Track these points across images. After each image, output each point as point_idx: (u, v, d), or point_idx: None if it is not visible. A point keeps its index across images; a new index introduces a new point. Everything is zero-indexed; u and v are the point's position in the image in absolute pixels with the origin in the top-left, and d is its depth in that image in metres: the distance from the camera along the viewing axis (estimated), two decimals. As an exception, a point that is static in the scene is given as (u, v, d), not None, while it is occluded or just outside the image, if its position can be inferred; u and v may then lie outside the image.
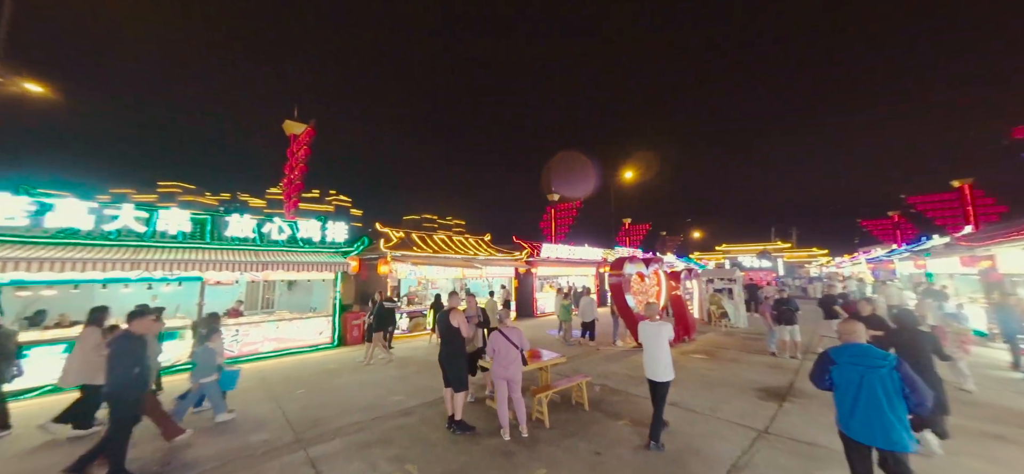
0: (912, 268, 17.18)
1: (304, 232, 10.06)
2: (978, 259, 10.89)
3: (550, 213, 29.34)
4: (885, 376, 2.82)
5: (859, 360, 2.96)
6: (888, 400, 2.77)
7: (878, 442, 2.80)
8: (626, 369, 7.81)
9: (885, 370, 2.84)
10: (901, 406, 2.79)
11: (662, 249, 48.78)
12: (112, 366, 3.79)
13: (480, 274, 14.75)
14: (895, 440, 2.74)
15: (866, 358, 2.94)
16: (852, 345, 3.08)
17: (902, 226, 30.95)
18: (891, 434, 2.75)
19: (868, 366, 2.90)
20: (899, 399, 2.79)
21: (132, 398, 3.88)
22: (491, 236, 18.06)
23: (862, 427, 2.86)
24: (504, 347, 4.67)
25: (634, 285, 10.10)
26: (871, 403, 2.82)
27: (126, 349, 3.87)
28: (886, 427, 2.77)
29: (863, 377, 2.89)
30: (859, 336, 3.12)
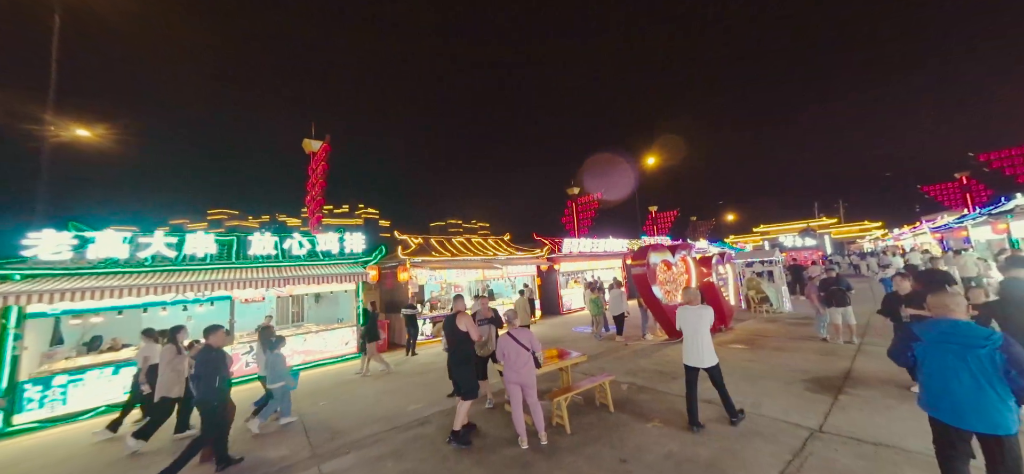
0: (990, 233, 15.11)
1: (323, 245, 10.28)
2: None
3: (571, 208, 28.73)
4: (985, 356, 2.51)
5: (953, 338, 2.65)
6: (988, 380, 2.49)
7: (975, 425, 2.50)
8: (656, 364, 7.28)
9: (986, 351, 2.52)
10: (1003, 386, 2.48)
11: (693, 235, 46.48)
12: (199, 375, 4.31)
13: (500, 274, 14.55)
14: (997, 422, 2.44)
15: (962, 336, 2.62)
16: (944, 321, 2.75)
17: (973, 188, 27.60)
18: (993, 416, 2.45)
19: (964, 345, 2.59)
20: (1000, 380, 2.48)
21: (218, 402, 4.41)
22: (511, 236, 17.85)
23: (958, 410, 2.56)
24: (514, 351, 4.39)
25: (660, 274, 9.47)
26: (966, 384, 2.54)
27: (210, 359, 4.39)
28: (986, 408, 2.47)
29: (958, 356, 2.59)
30: (954, 310, 2.75)
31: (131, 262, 7.45)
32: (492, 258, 14.37)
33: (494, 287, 16.60)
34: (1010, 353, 2.48)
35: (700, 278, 10.26)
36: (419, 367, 8.82)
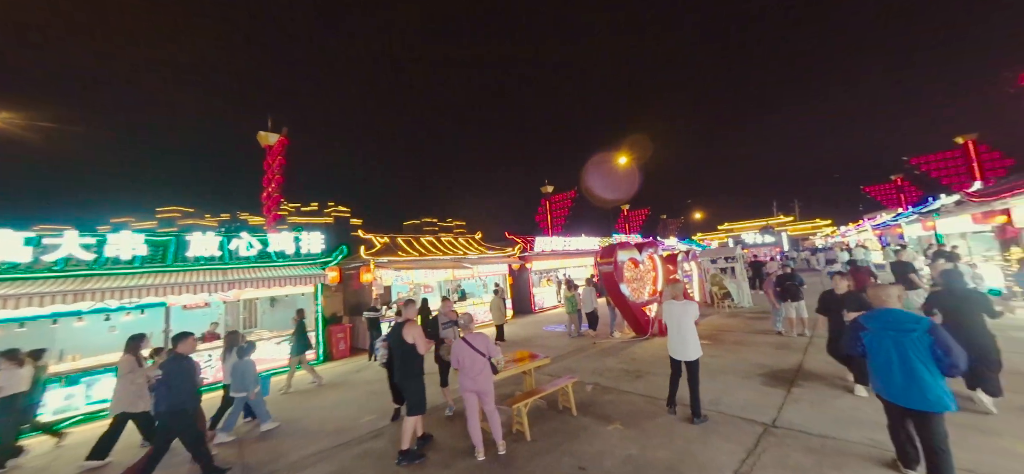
0: (920, 231, 16.49)
1: (277, 245, 9.56)
2: (992, 214, 10.23)
3: (545, 206, 28.79)
4: (917, 339, 2.84)
5: (890, 325, 2.99)
6: (922, 362, 2.80)
7: (914, 403, 2.82)
8: (622, 363, 7.27)
9: (917, 333, 2.86)
10: (935, 367, 2.80)
11: (664, 233, 48.09)
12: (168, 385, 4.14)
13: (471, 274, 14.24)
14: (932, 400, 2.76)
15: (897, 322, 2.97)
16: (883, 310, 3.10)
17: (906, 189, 30.16)
18: (928, 395, 2.77)
19: (899, 330, 2.93)
20: (932, 361, 2.80)
21: (192, 409, 4.31)
22: (483, 234, 17.56)
23: (899, 390, 2.89)
24: (469, 357, 4.14)
25: (627, 272, 9.53)
26: (905, 366, 2.86)
27: (182, 368, 4.25)
28: (922, 388, 2.79)
29: (895, 341, 2.91)
30: (890, 301, 3.12)
31: (35, 266, 6.50)
32: (462, 257, 14.03)
33: (466, 287, 16.28)
34: (936, 336, 2.81)
35: (666, 276, 10.43)
36: (380, 374, 8.36)
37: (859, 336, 3.14)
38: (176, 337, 4.52)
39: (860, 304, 4.52)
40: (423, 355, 4.29)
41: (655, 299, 9.95)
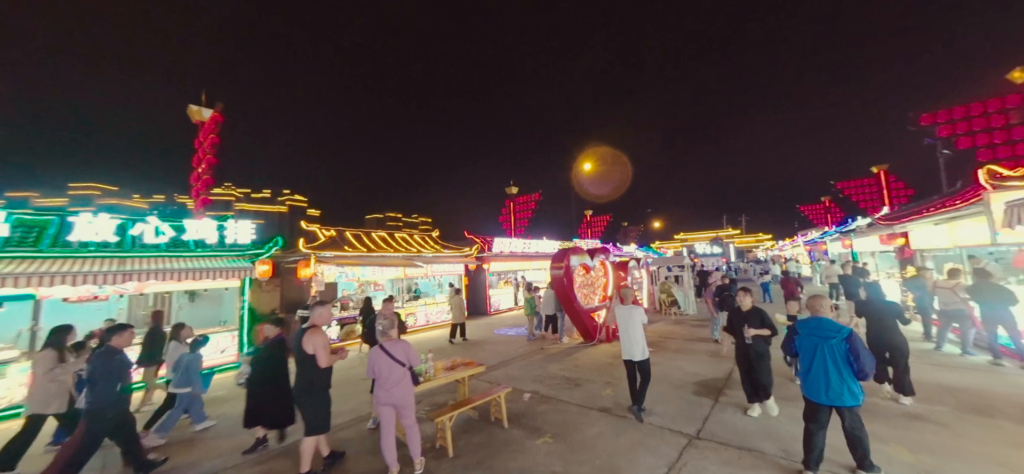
0: (841, 248, 18.24)
1: (195, 233, 8.46)
2: (894, 237, 11.42)
3: (509, 207, 28.65)
4: (835, 346, 3.25)
5: (815, 332, 3.41)
6: (836, 365, 3.23)
7: (832, 400, 3.25)
8: (566, 369, 7.16)
9: (835, 341, 3.26)
10: (847, 371, 3.22)
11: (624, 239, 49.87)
12: (95, 381, 3.85)
13: (425, 273, 13.66)
14: (845, 397, 3.19)
15: (821, 330, 3.38)
16: (813, 318, 3.52)
17: (832, 210, 33.48)
18: (842, 393, 3.20)
19: (821, 337, 3.34)
20: (846, 365, 3.22)
21: (112, 414, 3.93)
22: (441, 232, 17.02)
23: (815, 388, 3.33)
24: (386, 366, 3.75)
25: (579, 278, 9.53)
26: (822, 368, 3.29)
27: (112, 365, 3.92)
28: (833, 387, 3.23)
29: (817, 346, 3.35)
30: (822, 311, 3.53)
31: None
32: (415, 255, 13.41)
33: (422, 286, 15.64)
34: (851, 344, 3.21)
35: (617, 282, 10.57)
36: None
37: (793, 339, 3.61)
38: (111, 329, 4.27)
39: (763, 321, 4.64)
40: (326, 368, 3.77)
41: (604, 305, 10.03)
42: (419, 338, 11.67)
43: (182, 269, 7.65)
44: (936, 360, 6.50)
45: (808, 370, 3.38)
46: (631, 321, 4.87)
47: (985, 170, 5.48)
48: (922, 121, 14.69)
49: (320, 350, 3.68)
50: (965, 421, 4.34)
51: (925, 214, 8.86)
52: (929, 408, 4.67)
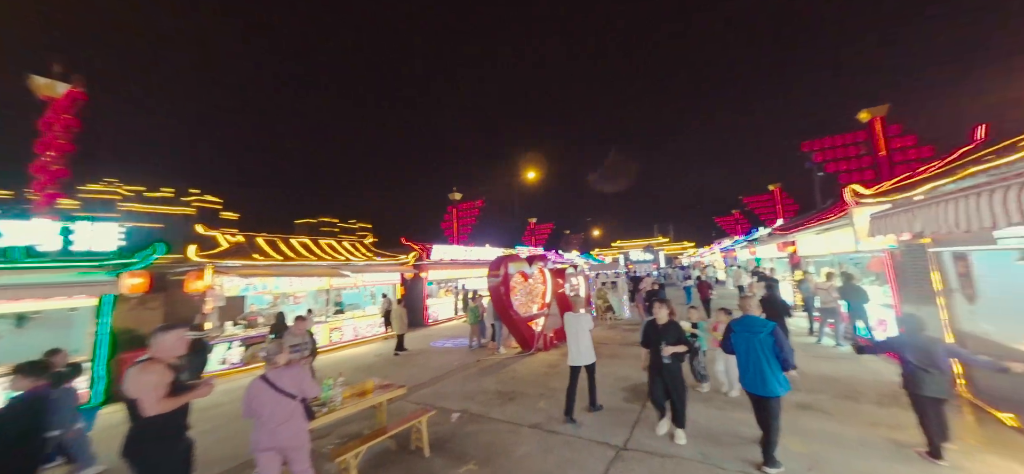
0: (747, 255, 20.82)
1: (24, 238, 6.54)
2: (787, 245, 13.24)
3: (452, 213, 27.90)
4: (764, 340, 3.60)
5: (747, 328, 3.75)
6: (767, 359, 3.55)
7: (759, 390, 3.58)
8: (500, 383, 6.85)
9: (763, 335, 3.62)
10: (776, 363, 3.55)
11: (566, 247, 51.74)
12: None
13: (353, 283, 12.45)
14: (774, 389, 3.52)
15: (751, 327, 3.73)
16: (745, 317, 3.89)
17: (741, 221, 38.36)
18: (768, 384, 3.53)
19: (752, 333, 3.68)
20: (773, 356, 3.55)
21: None
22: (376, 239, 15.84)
23: (750, 380, 3.66)
24: (271, 402, 3.06)
25: (517, 286, 9.35)
26: (753, 360, 3.62)
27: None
28: (764, 378, 3.55)
29: (749, 341, 3.68)
30: (750, 309, 3.95)
31: None
32: (341, 263, 12.16)
33: (350, 298, 14.25)
34: (776, 337, 3.59)
35: (555, 289, 10.62)
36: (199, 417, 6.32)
37: (729, 336, 3.93)
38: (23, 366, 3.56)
39: (679, 337, 4.24)
40: (160, 413, 2.67)
41: (543, 313, 9.98)
42: (343, 356, 10.52)
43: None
44: (817, 352, 7.46)
45: (746, 366, 3.70)
46: (579, 328, 5.04)
47: (849, 189, 6.46)
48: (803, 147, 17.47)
49: (144, 393, 2.61)
50: (841, 407, 4.91)
51: (808, 225, 10.33)
52: (814, 397, 5.23)
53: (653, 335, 4.39)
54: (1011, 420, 4.20)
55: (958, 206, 3.63)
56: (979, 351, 4.64)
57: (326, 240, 13.55)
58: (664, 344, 4.20)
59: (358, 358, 10.16)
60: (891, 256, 6.68)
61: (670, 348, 4.16)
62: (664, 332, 4.31)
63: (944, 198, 3.94)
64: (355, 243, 14.25)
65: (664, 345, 4.19)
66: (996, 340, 4.44)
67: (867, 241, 5.90)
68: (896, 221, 4.70)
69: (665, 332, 4.31)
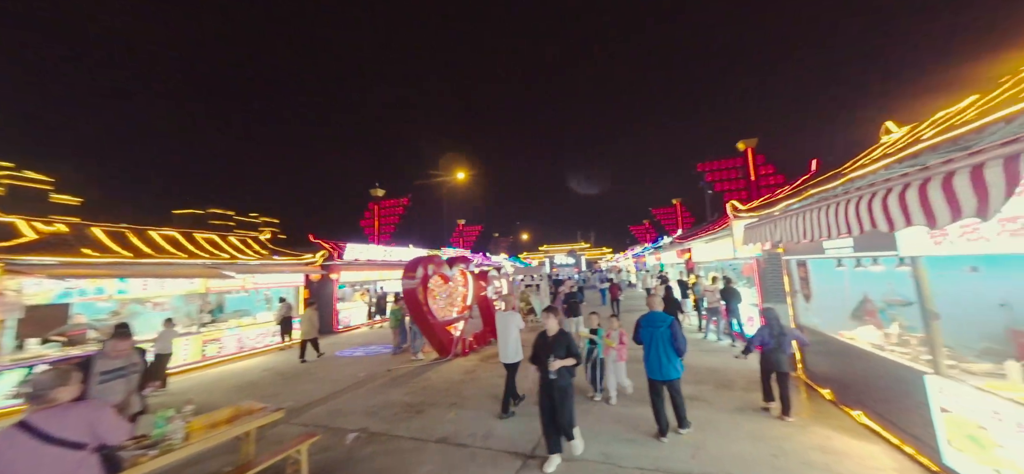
0: (654, 260, 23.39)
1: None
2: (684, 252, 15.13)
3: (373, 210, 25.91)
4: (664, 332, 4.20)
5: (651, 323, 4.33)
6: (664, 348, 4.15)
7: (663, 376, 4.20)
8: (409, 395, 6.29)
9: (663, 328, 4.22)
10: (672, 352, 4.18)
11: (495, 249, 52.22)
12: None
13: (242, 286, 10.50)
14: (669, 374, 4.19)
15: (654, 322, 4.31)
16: (650, 313, 4.46)
17: (651, 230, 43.20)
18: (668, 371, 4.19)
19: (655, 327, 4.26)
20: (671, 347, 4.17)
21: None
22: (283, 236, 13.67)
23: (655, 367, 4.22)
24: (30, 460, 2.13)
25: (436, 288, 8.86)
26: (655, 351, 4.21)
27: None
28: (664, 366, 4.18)
29: (652, 334, 4.25)
30: (654, 306, 4.54)
31: None
32: (225, 262, 10.17)
33: (239, 303, 12.00)
34: (673, 330, 4.18)
35: (477, 292, 10.38)
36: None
37: (638, 330, 4.42)
38: None
39: (569, 349, 3.86)
40: None
41: (463, 317, 9.65)
42: (219, 374, 8.76)
43: None
44: (704, 347, 8.52)
45: (648, 355, 4.25)
46: (508, 327, 5.27)
47: (730, 205, 7.55)
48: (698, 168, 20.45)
49: None
50: (719, 395, 5.57)
51: (700, 235, 11.89)
52: (699, 389, 5.86)
53: (542, 350, 3.93)
54: (829, 395, 5.22)
55: (799, 220, 4.41)
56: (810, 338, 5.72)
57: (207, 234, 11.23)
58: (553, 358, 3.78)
59: (239, 374, 8.54)
60: (757, 263, 7.98)
61: (558, 362, 3.75)
62: (554, 345, 3.88)
63: (791, 214, 4.77)
64: (246, 239, 12.12)
65: (552, 359, 3.78)
66: (823, 330, 5.50)
67: (742, 249, 6.87)
68: (761, 232, 5.52)
69: (555, 345, 3.88)
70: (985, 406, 2.93)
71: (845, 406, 4.77)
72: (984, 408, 2.93)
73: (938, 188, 2.48)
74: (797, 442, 4.06)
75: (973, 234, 2.90)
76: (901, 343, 4.24)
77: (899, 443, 3.85)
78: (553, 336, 3.96)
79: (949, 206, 2.39)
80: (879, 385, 4.11)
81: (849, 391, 4.72)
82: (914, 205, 2.68)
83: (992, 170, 2.15)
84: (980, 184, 2.19)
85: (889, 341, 4.36)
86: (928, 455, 3.51)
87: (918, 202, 2.64)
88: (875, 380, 4.16)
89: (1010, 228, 2.66)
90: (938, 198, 2.48)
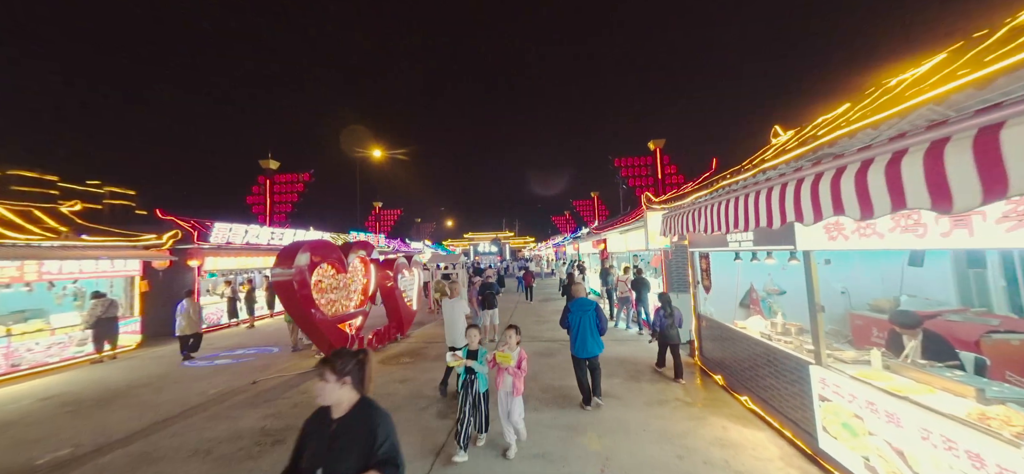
0: (573, 250, 24.37)
1: None
2: (599, 243, 15.76)
3: (264, 185, 21.63)
4: (591, 314, 4.77)
5: (579, 308, 4.84)
6: (590, 328, 4.73)
7: (588, 353, 4.73)
8: (272, 415, 4.85)
9: (591, 311, 4.79)
10: (596, 331, 4.76)
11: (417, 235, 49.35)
12: None
13: (19, 277, 7.33)
14: (594, 351, 4.75)
15: (583, 306, 4.84)
16: (578, 299, 4.97)
17: (570, 222, 45.44)
18: (592, 348, 4.73)
19: (583, 311, 4.79)
20: (595, 328, 4.75)
21: None
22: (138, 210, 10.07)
23: (581, 347, 4.72)
24: None
25: (326, 280, 7.30)
26: (583, 332, 4.73)
27: None
28: (590, 345, 4.72)
29: (581, 318, 4.77)
30: (580, 293, 5.09)
31: None
32: None
33: (20, 300, 8.43)
34: (598, 312, 4.77)
35: (382, 282, 9.03)
36: None
37: (567, 314, 4.88)
38: None
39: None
40: None
41: (362, 310, 8.26)
42: None
43: None
44: (616, 336, 8.68)
45: (577, 336, 4.72)
46: (454, 312, 5.58)
47: (644, 196, 7.67)
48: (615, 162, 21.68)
49: None
50: (630, 389, 5.47)
51: (615, 227, 12.31)
52: (611, 383, 5.69)
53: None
54: (721, 380, 5.52)
55: (709, 211, 4.39)
56: (709, 327, 5.98)
57: (-49, 199, 7.54)
58: None
59: (7, 404, 5.84)
60: (665, 254, 8.35)
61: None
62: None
63: (700, 206, 4.77)
64: (31, 211, 8.58)
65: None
66: (718, 319, 5.81)
67: (655, 241, 6.96)
68: (678, 222, 5.52)
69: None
70: (861, 395, 3.04)
71: (734, 392, 5.02)
72: (860, 397, 3.05)
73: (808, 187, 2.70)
74: (698, 438, 4.00)
75: (867, 231, 2.93)
76: (784, 332, 4.50)
77: (779, 426, 4.05)
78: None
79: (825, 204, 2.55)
80: (766, 372, 4.31)
81: (737, 377, 4.96)
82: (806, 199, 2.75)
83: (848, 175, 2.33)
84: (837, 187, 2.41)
85: (775, 330, 4.61)
86: (804, 440, 3.69)
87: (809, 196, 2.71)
88: (763, 367, 4.36)
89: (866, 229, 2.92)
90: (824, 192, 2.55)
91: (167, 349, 9.14)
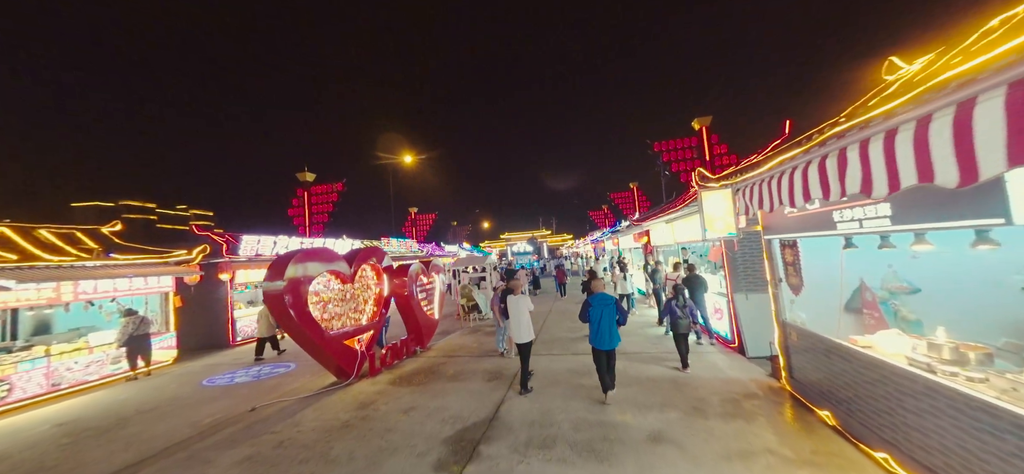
0: (612, 245, 22.48)
1: None
2: (641, 235, 13.97)
3: (302, 197, 22.43)
4: (611, 309, 4.98)
5: (600, 302, 5.03)
6: (610, 322, 4.92)
7: (605, 345, 4.90)
8: (250, 461, 4.11)
9: (611, 306, 5.01)
10: (615, 326, 4.96)
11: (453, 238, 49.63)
12: None
13: (56, 298, 7.50)
14: (613, 344, 4.93)
15: (604, 301, 5.04)
16: (598, 294, 5.15)
17: (609, 215, 42.97)
18: (613, 341, 4.92)
19: (605, 305, 5.00)
20: (615, 322, 4.96)
21: None
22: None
23: (602, 339, 4.90)
24: None
25: (328, 292, 6.64)
26: (603, 324, 4.90)
27: None
28: (611, 337, 4.91)
29: (602, 311, 4.96)
30: (603, 289, 5.28)
31: None
32: (16, 267, 7.10)
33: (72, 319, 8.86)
34: (618, 305, 5.07)
35: (397, 291, 8.28)
36: None
37: (587, 309, 5.04)
38: None
39: None
40: None
41: (375, 324, 7.54)
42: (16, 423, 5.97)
43: None
44: (664, 347, 7.14)
45: (597, 329, 4.87)
46: (519, 308, 5.64)
47: (696, 173, 6.08)
48: (655, 147, 19.59)
49: None
50: (692, 430, 4.07)
51: (659, 215, 10.59)
52: (664, 417, 4.33)
53: None
54: (829, 418, 3.91)
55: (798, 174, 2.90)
56: (802, 340, 4.35)
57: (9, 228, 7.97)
58: None
59: (25, 430, 5.78)
60: (726, 245, 6.67)
61: None
62: None
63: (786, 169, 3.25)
64: (73, 234, 8.94)
65: None
66: (814, 330, 4.20)
67: (714, 228, 5.44)
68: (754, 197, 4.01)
69: None
70: None
71: (859, 441, 3.43)
72: None
73: None
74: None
75: None
76: (955, 359, 2.84)
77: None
78: None
79: None
80: (930, 424, 2.72)
81: (862, 419, 3.37)
82: None
83: None
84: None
85: (935, 355, 2.96)
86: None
87: None
88: (926, 416, 2.76)
89: None
90: None
91: (198, 363, 9.15)
